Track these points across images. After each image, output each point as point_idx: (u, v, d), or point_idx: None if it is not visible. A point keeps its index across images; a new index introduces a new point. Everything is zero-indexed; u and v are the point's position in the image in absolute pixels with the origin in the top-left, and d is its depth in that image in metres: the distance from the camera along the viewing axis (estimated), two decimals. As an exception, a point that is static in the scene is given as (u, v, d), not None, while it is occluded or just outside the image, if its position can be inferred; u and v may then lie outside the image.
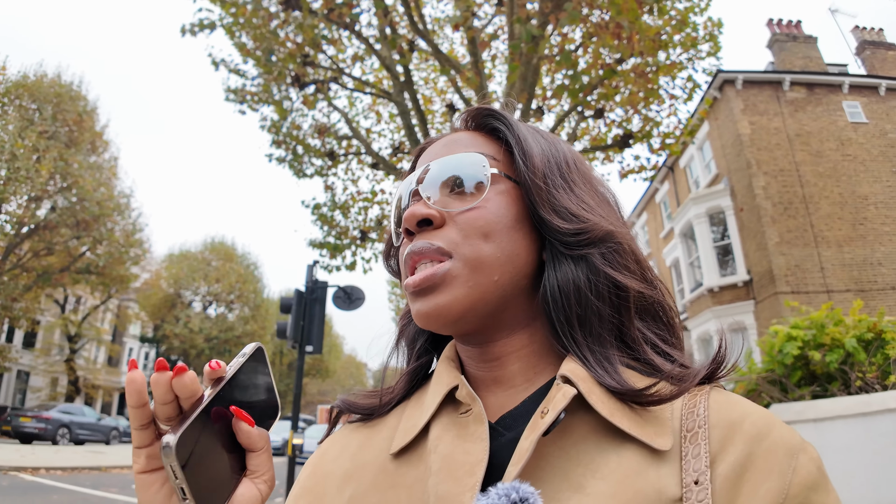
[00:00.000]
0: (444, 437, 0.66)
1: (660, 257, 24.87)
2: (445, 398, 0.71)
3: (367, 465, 0.72)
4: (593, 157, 11.79)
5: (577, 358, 0.67)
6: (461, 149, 0.76)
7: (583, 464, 0.60)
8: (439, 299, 0.68)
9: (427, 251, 0.69)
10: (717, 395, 0.65)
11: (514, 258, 0.71)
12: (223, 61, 10.96)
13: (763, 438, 0.59)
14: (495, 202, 0.72)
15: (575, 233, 0.70)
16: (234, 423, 0.62)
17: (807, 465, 0.58)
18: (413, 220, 0.71)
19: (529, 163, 0.74)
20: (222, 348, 41.61)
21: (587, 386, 0.63)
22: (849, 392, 8.10)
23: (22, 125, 23.69)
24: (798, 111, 18.83)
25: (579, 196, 0.75)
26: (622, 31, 8.24)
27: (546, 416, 0.60)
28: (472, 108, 0.83)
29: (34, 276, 26.76)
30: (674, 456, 0.59)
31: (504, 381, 0.72)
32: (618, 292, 0.70)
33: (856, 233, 17.20)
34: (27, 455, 17.80)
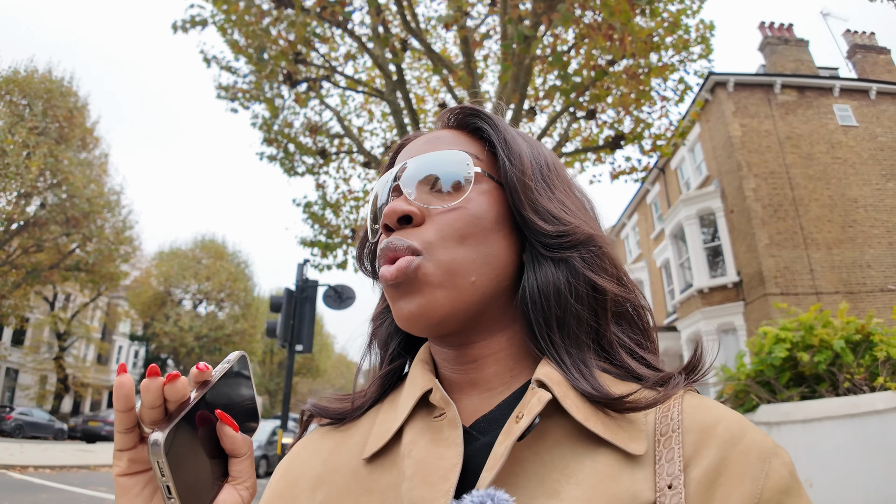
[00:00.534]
0: (417, 442, 0.66)
1: (650, 258, 24.94)
2: (419, 402, 0.71)
3: (339, 469, 0.71)
4: (585, 157, 11.82)
5: (552, 361, 0.67)
6: (443, 146, 0.75)
7: (558, 469, 0.60)
8: (420, 300, 0.66)
9: (401, 249, 0.67)
10: (690, 399, 0.66)
11: (492, 259, 0.70)
12: (215, 58, 10.94)
13: (736, 443, 0.59)
14: (476, 202, 0.70)
15: (557, 235, 0.70)
16: (219, 427, 0.62)
17: (779, 469, 0.58)
18: (393, 216, 0.69)
19: (515, 163, 0.73)
20: (212, 347, 41.51)
21: (562, 390, 0.63)
22: (837, 393, 8.14)
23: (12, 121, 23.58)
24: (789, 114, 18.90)
25: (560, 199, 0.75)
26: (614, 33, 8.26)
27: (521, 420, 0.60)
28: (455, 107, 0.82)
29: (23, 273, 26.62)
30: (648, 460, 0.59)
31: (480, 384, 0.72)
32: (596, 295, 0.70)
33: (845, 235, 17.28)
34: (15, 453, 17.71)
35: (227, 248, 45.94)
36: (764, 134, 18.34)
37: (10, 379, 36.33)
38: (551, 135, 11.96)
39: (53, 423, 29.25)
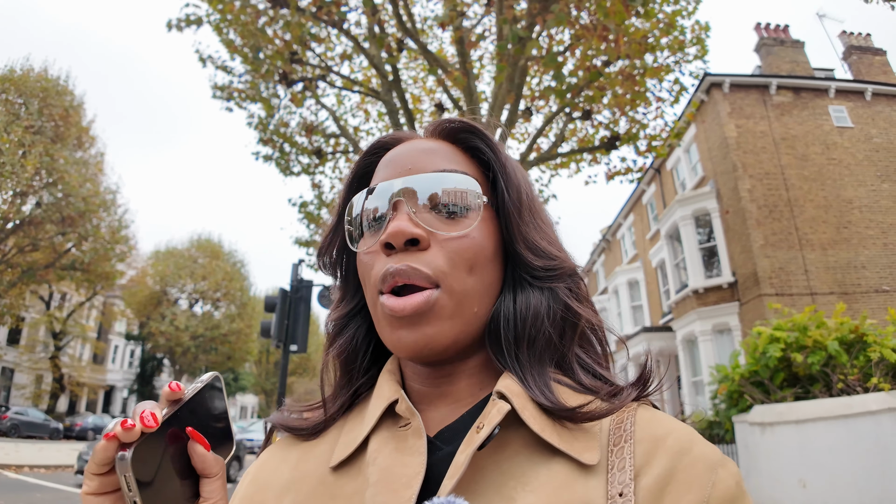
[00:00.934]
0: (382, 450, 0.67)
1: (646, 258, 24.96)
2: (386, 411, 0.72)
3: (306, 477, 0.72)
4: (580, 158, 11.84)
5: (514, 375, 0.69)
6: (444, 163, 0.74)
7: (515, 477, 0.62)
8: (427, 331, 0.66)
9: (414, 277, 0.66)
10: (643, 411, 0.69)
11: (490, 288, 0.72)
12: (210, 57, 10.92)
13: (685, 453, 0.61)
14: (480, 231, 0.71)
15: (546, 268, 0.73)
16: (190, 446, 0.62)
17: (726, 479, 0.60)
18: (402, 237, 0.67)
19: (513, 196, 0.74)
20: (208, 346, 41.46)
21: (521, 402, 0.65)
22: (831, 394, 8.16)
23: (8, 119, 23.53)
24: (784, 115, 18.93)
25: (545, 231, 0.77)
26: (608, 34, 8.27)
27: (481, 431, 0.62)
28: (453, 120, 0.80)
29: (19, 273, 26.56)
30: (601, 469, 0.62)
31: (450, 396, 0.73)
32: (570, 320, 0.74)
33: (840, 236, 17.31)
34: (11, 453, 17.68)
35: (223, 248, 45.88)
36: (759, 135, 18.37)
37: (6, 378, 36.24)
38: (547, 135, 11.98)
39: (49, 423, 29.21)
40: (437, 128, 0.81)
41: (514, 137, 12.76)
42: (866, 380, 7.93)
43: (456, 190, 0.71)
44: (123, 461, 0.54)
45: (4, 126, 22.92)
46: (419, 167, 0.73)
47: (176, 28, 9.71)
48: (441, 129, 0.80)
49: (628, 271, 26.01)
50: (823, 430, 7.30)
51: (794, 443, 7.54)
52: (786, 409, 7.81)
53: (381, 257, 0.70)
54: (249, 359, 48.07)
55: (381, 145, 0.82)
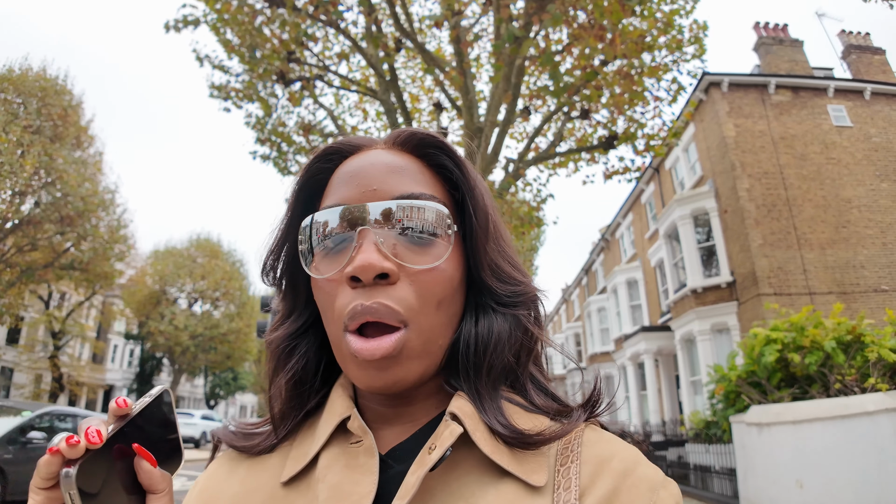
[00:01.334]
0: (332, 467, 0.66)
1: (645, 258, 24.96)
2: (337, 427, 0.71)
3: (255, 491, 0.71)
4: (578, 157, 11.84)
5: (467, 396, 0.69)
6: (412, 185, 0.69)
7: (464, 498, 0.62)
8: (397, 372, 0.65)
9: (385, 316, 0.63)
10: (590, 433, 0.69)
11: (454, 318, 0.71)
12: (207, 57, 10.92)
13: (629, 475, 0.63)
14: (449, 263, 0.68)
15: (510, 294, 0.73)
16: (136, 461, 0.61)
17: (666, 499, 0.62)
18: (372, 272, 0.63)
19: (481, 222, 0.71)
20: (207, 346, 41.44)
21: (473, 423, 0.65)
22: (828, 394, 8.17)
23: (6, 119, 23.47)
24: (783, 114, 18.92)
25: (508, 254, 0.76)
26: (605, 33, 8.27)
27: (433, 452, 0.62)
28: (418, 133, 0.75)
29: (18, 272, 26.52)
30: (548, 490, 0.62)
31: (405, 416, 0.72)
32: (529, 346, 0.74)
33: (839, 235, 17.29)
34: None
35: (222, 247, 45.84)
36: (758, 134, 18.36)
37: (5, 378, 36.24)
38: (545, 134, 11.98)
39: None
40: (399, 139, 0.76)
41: (513, 137, 12.77)
42: (864, 380, 7.93)
43: (426, 217, 0.67)
44: (68, 478, 0.53)
45: (3, 126, 22.88)
46: (386, 189, 0.68)
47: (174, 29, 9.70)
48: (405, 140, 0.75)
49: (627, 271, 26.01)
50: (820, 430, 7.30)
51: (791, 443, 7.54)
52: (783, 409, 7.81)
53: (346, 289, 0.65)
54: (248, 358, 47.99)
55: (336, 151, 0.76)
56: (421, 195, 0.69)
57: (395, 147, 0.76)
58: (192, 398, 63.07)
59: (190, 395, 62.39)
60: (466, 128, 9.19)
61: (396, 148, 0.75)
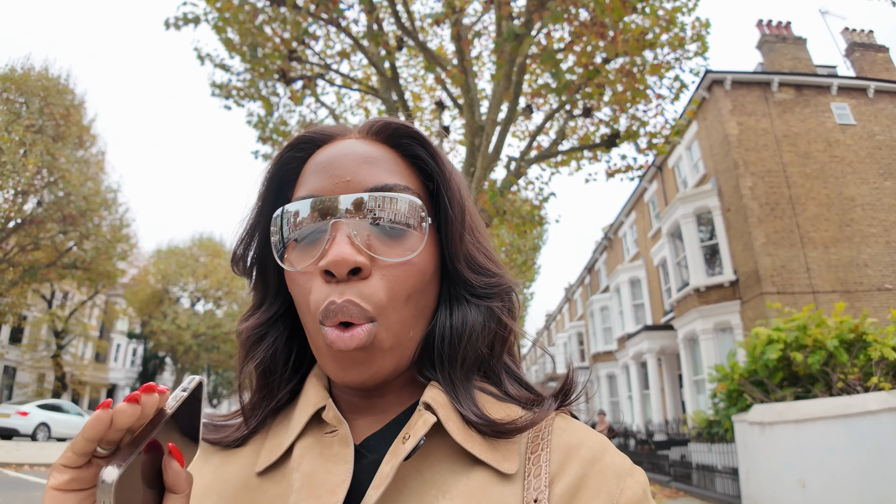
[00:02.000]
0: (307, 456, 0.67)
1: (648, 256, 24.93)
2: (312, 417, 0.71)
3: (229, 480, 0.71)
4: (580, 156, 11.81)
5: (440, 387, 0.69)
6: (385, 175, 0.68)
7: (436, 486, 0.63)
8: (370, 367, 0.65)
9: (355, 316, 0.62)
10: (560, 421, 0.71)
11: (426, 310, 0.71)
12: (209, 56, 10.90)
13: (596, 462, 0.64)
14: (423, 255, 0.68)
15: (484, 286, 0.73)
16: (166, 459, 0.58)
17: (633, 486, 0.63)
18: (345, 267, 0.62)
19: (456, 213, 0.71)
20: (210, 345, 41.52)
21: (445, 413, 0.66)
22: (831, 393, 8.14)
23: (9, 119, 23.51)
24: (786, 112, 18.87)
25: (483, 245, 0.76)
26: (606, 31, 8.24)
27: (407, 441, 0.63)
28: (392, 123, 0.74)
29: (20, 272, 26.59)
30: (519, 477, 0.64)
31: (377, 407, 0.73)
32: (503, 337, 0.74)
33: (842, 234, 17.25)
34: (12, 451, 17.70)
35: (224, 247, 45.90)
36: (761, 132, 18.31)
37: (8, 377, 36.31)
38: (547, 132, 11.96)
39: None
40: (373, 128, 0.75)
41: (515, 135, 12.75)
42: (866, 379, 7.91)
43: (400, 209, 0.67)
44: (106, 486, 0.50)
45: (5, 125, 22.91)
46: (359, 180, 0.68)
47: (174, 27, 9.69)
48: (380, 130, 0.74)
49: (630, 269, 25.98)
50: (823, 429, 7.28)
51: (794, 442, 7.52)
52: (785, 408, 7.78)
53: (319, 282, 0.65)
54: (251, 357, 48.11)
55: (309, 140, 0.75)
56: (395, 186, 0.68)
57: (368, 136, 0.75)
58: (195, 397, 63.21)
59: (193, 395, 62.53)
60: (468, 126, 9.17)
61: (370, 138, 0.75)
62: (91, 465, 0.54)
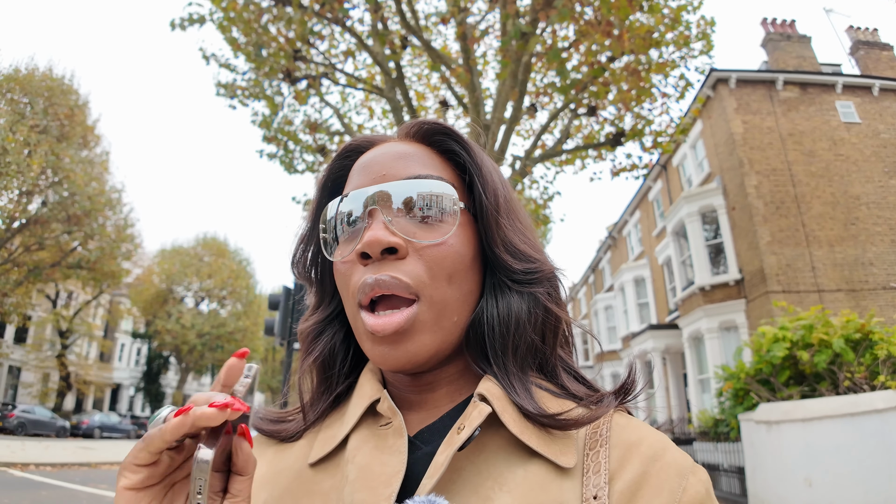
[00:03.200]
0: (362, 448, 0.67)
1: (652, 255, 24.90)
2: (366, 410, 0.72)
3: (283, 472, 0.72)
4: (585, 154, 11.80)
5: (495, 378, 0.70)
6: (419, 168, 0.73)
7: (492, 477, 0.63)
8: (408, 347, 0.66)
9: (395, 287, 0.66)
10: (619, 417, 0.70)
11: (470, 296, 0.72)
12: (213, 56, 10.91)
13: (657, 459, 0.64)
14: (458, 238, 0.70)
15: (526, 272, 0.73)
16: (237, 441, 0.59)
17: (696, 485, 0.62)
18: (378, 247, 0.66)
19: (490, 199, 0.73)
20: (214, 344, 41.57)
21: (501, 405, 0.66)
22: (837, 392, 8.12)
23: (13, 119, 23.58)
24: (791, 111, 18.83)
25: (523, 232, 0.77)
26: (612, 29, 8.23)
27: (462, 432, 0.63)
28: (426, 121, 0.79)
29: (25, 272, 26.68)
30: (577, 472, 0.63)
31: (430, 403, 0.74)
32: (553, 326, 0.74)
33: (847, 233, 17.21)
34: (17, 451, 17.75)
35: (228, 246, 45.98)
36: (766, 130, 18.28)
37: (13, 377, 36.41)
38: (552, 131, 11.94)
39: (55, 421, 29.31)
40: (410, 130, 0.80)
41: (519, 134, 12.73)
42: (873, 378, 7.89)
43: (431, 196, 0.70)
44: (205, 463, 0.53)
45: (10, 125, 22.97)
46: (393, 173, 0.72)
47: (179, 27, 9.70)
48: (415, 131, 0.79)
49: (634, 268, 25.95)
50: (830, 428, 7.26)
51: (801, 441, 7.50)
52: (792, 407, 7.76)
53: (359, 267, 0.69)
54: (256, 357, 48.19)
55: (354, 148, 0.81)
56: (427, 176, 0.72)
57: (406, 138, 0.80)
58: (200, 397, 63.27)
59: (197, 394, 62.61)
60: (473, 125, 9.15)
61: (408, 139, 0.80)
62: (160, 461, 0.56)
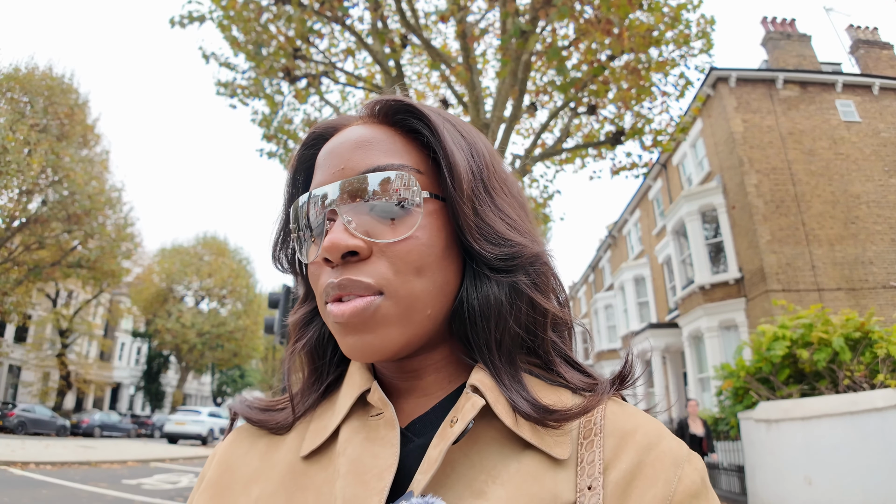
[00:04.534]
0: (352, 440, 0.66)
1: (652, 254, 24.90)
2: (357, 401, 0.70)
3: (275, 466, 0.70)
4: (585, 153, 11.80)
5: (486, 368, 0.67)
6: (380, 157, 0.67)
7: (485, 470, 0.62)
8: (373, 340, 0.64)
9: (355, 289, 0.63)
10: (613, 405, 0.68)
11: (445, 287, 0.68)
12: (213, 54, 10.91)
13: (652, 448, 0.62)
14: (426, 230, 0.66)
15: (503, 258, 0.68)
16: None
17: (691, 474, 0.61)
18: (337, 252, 0.63)
19: (456, 181, 0.67)
20: (214, 343, 41.58)
21: (494, 396, 0.64)
22: (837, 391, 8.12)
23: (13, 118, 23.56)
24: (791, 109, 18.83)
25: (503, 210, 0.71)
26: (612, 28, 8.23)
27: (455, 425, 0.61)
28: (384, 99, 0.72)
29: (25, 271, 26.67)
30: (571, 463, 0.62)
31: (419, 390, 0.71)
32: (536, 316, 0.70)
33: (847, 231, 17.21)
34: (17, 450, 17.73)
35: (228, 245, 45.98)
36: (766, 129, 18.28)
37: (13, 376, 36.40)
38: (552, 130, 11.94)
39: (56, 420, 29.29)
40: (372, 110, 0.74)
41: (519, 133, 12.73)
42: (873, 376, 7.89)
43: (393, 188, 0.65)
44: None
45: (10, 124, 22.96)
46: (352, 166, 0.67)
47: (179, 25, 9.70)
48: (377, 110, 0.73)
49: (634, 267, 25.94)
50: (829, 426, 7.26)
51: (800, 439, 7.50)
52: (791, 405, 7.76)
53: (325, 269, 0.66)
54: (255, 355, 48.23)
55: (319, 135, 0.76)
56: (388, 166, 0.66)
57: (369, 120, 0.74)
58: (199, 396, 63.33)
59: (197, 393, 62.65)
60: (473, 124, 9.15)
61: (371, 120, 0.74)
62: None
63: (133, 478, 14.18)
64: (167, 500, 10.94)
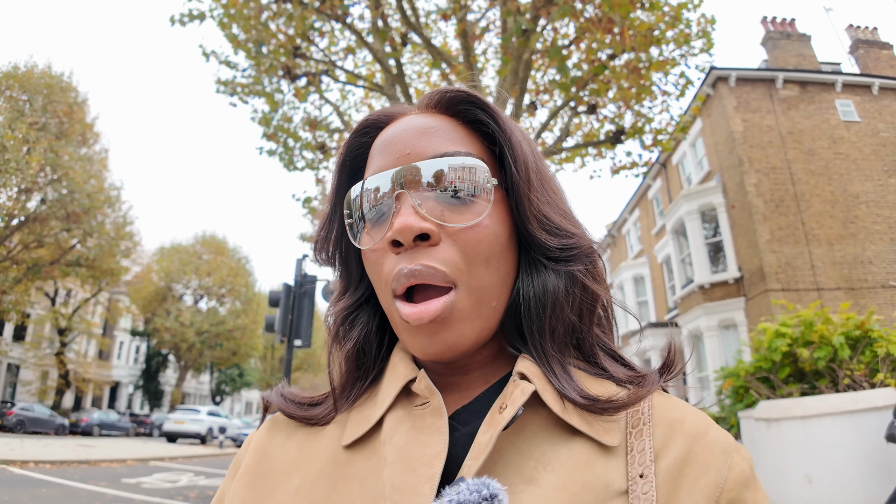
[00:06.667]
0: (398, 429, 0.65)
1: (652, 254, 24.92)
2: (401, 391, 0.69)
3: (315, 455, 0.69)
4: (585, 152, 11.79)
5: (532, 358, 0.67)
6: (446, 144, 0.68)
7: (534, 457, 0.61)
8: (448, 337, 0.64)
9: (431, 278, 0.62)
10: (659, 396, 0.69)
11: (507, 278, 0.68)
12: (213, 52, 10.90)
13: (701, 437, 0.63)
14: (493, 218, 0.66)
15: (562, 248, 0.69)
16: None
17: (740, 463, 0.62)
18: (410, 234, 0.62)
19: (522, 173, 0.68)
20: (213, 342, 41.55)
21: (541, 383, 0.64)
22: (837, 390, 8.12)
23: (12, 116, 23.56)
24: (791, 109, 18.85)
25: (558, 205, 0.72)
26: (613, 27, 8.23)
27: (504, 411, 0.61)
28: (451, 90, 0.73)
29: (24, 269, 26.65)
30: (620, 451, 0.62)
31: (462, 385, 0.71)
32: (590, 304, 0.71)
33: (847, 231, 17.23)
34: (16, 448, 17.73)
35: (227, 244, 45.94)
36: (766, 129, 18.30)
37: (12, 374, 36.35)
38: (552, 129, 11.94)
39: (54, 419, 29.27)
40: (432, 100, 0.74)
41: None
42: (873, 375, 7.89)
43: (462, 175, 0.66)
44: None
45: (9, 123, 22.96)
46: (418, 151, 0.67)
47: (179, 23, 9.69)
48: (437, 101, 0.73)
49: (634, 266, 25.97)
50: (829, 425, 7.26)
51: (800, 438, 7.50)
52: (792, 404, 7.76)
53: (391, 256, 0.65)
54: (254, 354, 48.16)
55: (372, 123, 0.76)
56: (455, 153, 0.67)
57: (428, 110, 0.74)
58: (198, 395, 63.27)
59: (196, 392, 62.59)
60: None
61: (430, 110, 0.74)
62: None
63: (132, 476, 14.17)
64: (167, 498, 10.94)
